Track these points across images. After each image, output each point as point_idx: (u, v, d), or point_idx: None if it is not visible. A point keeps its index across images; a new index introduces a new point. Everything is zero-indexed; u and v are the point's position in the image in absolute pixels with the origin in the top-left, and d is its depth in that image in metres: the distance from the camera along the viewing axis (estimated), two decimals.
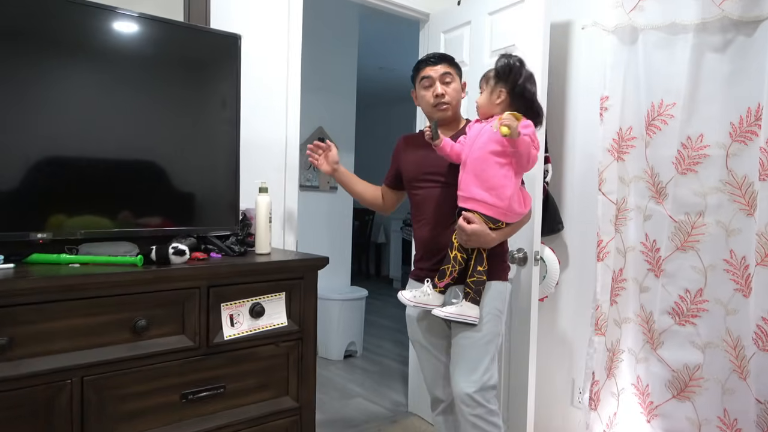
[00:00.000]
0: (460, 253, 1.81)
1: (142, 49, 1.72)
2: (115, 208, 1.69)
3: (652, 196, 2.09)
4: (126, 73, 1.69)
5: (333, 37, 4.18)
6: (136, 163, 1.73)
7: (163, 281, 1.55)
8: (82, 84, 1.62)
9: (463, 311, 1.78)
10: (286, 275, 1.79)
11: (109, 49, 1.66)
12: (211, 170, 1.89)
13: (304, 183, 4.15)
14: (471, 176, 1.77)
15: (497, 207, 1.74)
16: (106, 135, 1.66)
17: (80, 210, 1.63)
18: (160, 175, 1.78)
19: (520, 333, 2.30)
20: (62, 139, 1.59)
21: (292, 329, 1.79)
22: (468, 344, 1.82)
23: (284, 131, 2.43)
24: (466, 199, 1.79)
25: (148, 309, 1.53)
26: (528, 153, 1.68)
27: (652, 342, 2.12)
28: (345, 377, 3.75)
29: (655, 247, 2.09)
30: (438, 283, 1.83)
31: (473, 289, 1.79)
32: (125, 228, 1.71)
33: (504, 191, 1.74)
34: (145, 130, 1.74)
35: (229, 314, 1.67)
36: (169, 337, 1.57)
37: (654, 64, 2.04)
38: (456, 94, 1.94)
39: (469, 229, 1.74)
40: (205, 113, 1.86)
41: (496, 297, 1.86)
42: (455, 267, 1.81)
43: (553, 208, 2.38)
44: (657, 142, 2.05)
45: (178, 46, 1.80)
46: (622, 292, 2.21)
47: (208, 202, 1.88)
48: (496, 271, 1.87)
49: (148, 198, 1.76)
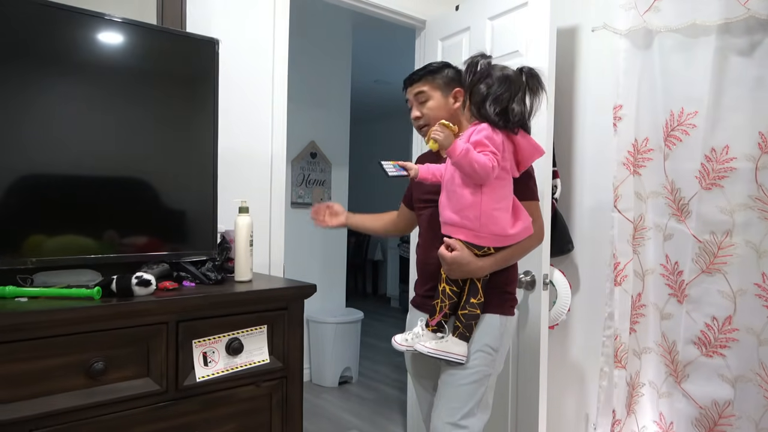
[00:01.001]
0: (448, 285, 1.61)
1: (108, 54, 1.54)
2: (75, 232, 1.50)
3: (673, 214, 1.91)
4: (87, 79, 1.51)
5: (325, 49, 4.02)
6: (99, 180, 1.54)
7: (124, 316, 1.35)
8: (36, 91, 1.43)
9: (447, 347, 1.58)
10: (268, 305, 1.60)
11: (71, 53, 1.47)
12: (186, 187, 1.70)
13: (296, 200, 3.96)
14: (444, 198, 1.60)
15: (468, 229, 1.55)
16: (61, 147, 1.48)
17: (33, 233, 1.44)
18: (127, 193, 1.59)
19: (529, 365, 2.10)
20: (10, 151, 1.40)
21: (274, 367, 1.60)
22: (451, 382, 1.62)
23: (270, 146, 2.25)
24: (444, 224, 1.61)
25: (106, 349, 1.33)
26: (469, 165, 1.47)
27: (676, 375, 1.92)
28: (339, 406, 3.53)
29: (677, 269, 1.90)
30: (430, 321, 1.63)
31: (463, 323, 1.59)
32: (87, 254, 1.51)
33: (471, 211, 1.53)
34: (108, 141, 1.55)
35: (202, 352, 1.47)
36: (131, 381, 1.37)
37: (672, 70, 1.87)
38: (435, 111, 1.74)
39: (449, 257, 1.56)
40: (179, 124, 1.68)
41: (487, 332, 1.63)
42: (445, 302, 1.61)
43: (563, 227, 2.20)
44: (677, 155, 1.87)
45: (150, 51, 1.62)
46: (641, 320, 2.02)
47: (181, 223, 1.69)
48: (494, 303, 1.65)
49: (111, 219, 1.57)
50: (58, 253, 1.47)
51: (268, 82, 2.23)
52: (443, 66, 1.81)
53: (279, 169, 2.28)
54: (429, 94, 1.75)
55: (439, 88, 1.77)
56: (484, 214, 1.53)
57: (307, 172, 4.01)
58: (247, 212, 1.73)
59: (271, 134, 2.26)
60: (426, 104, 1.75)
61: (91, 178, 1.53)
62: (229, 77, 2.08)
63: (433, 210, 1.74)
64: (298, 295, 1.66)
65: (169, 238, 1.66)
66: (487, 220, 1.53)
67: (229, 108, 2.09)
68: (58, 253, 1.47)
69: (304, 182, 4.00)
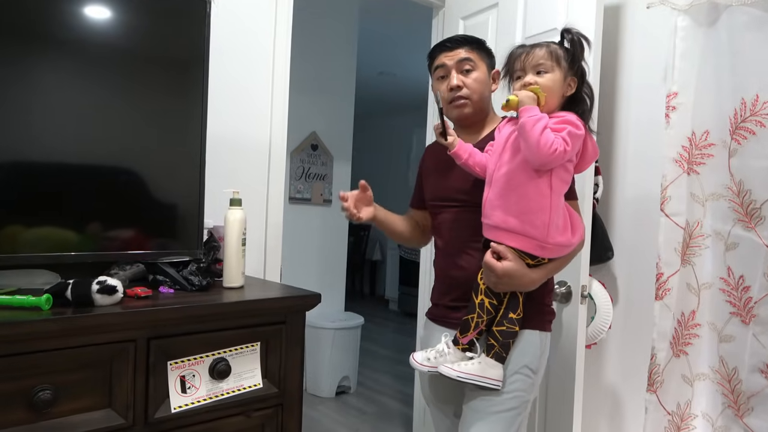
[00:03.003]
0: (488, 298, 1.35)
1: (79, 22, 1.25)
2: (29, 223, 1.22)
3: (739, 220, 1.63)
4: (49, 46, 1.22)
5: (329, 34, 3.73)
6: (57, 165, 1.26)
7: (80, 333, 1.07)
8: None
9: (482, 371, 1.32)
10: (263, 319, 1.33)
11: (36, 23, 1.19)
12: (167, 173, 1.42)
13: (295, 195, 3.68)
14: (495, 197, 1.33)
15: (531, 238, 1.29)
16: (17, 124, 1.19)
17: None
18: (93, 180, 1.31)
19: (561, 389, 1.83)
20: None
21: (269, 393, 1.33)
22: (483, 409, 1.36)
23: (268, 133, 1.97)
24: (490, 227, 1.34)
25: (55, 374, 1.06)
26: (535, 135, 1.22)
27: (737, 407, 1.65)
28: (336, 419, 3.25)
29: (742, 285, 1.63)
30: (460, 338, 1.36)
31: (499, 341, 1.33)
32: (42, 251, 1.23)
33: (539, 216, 1.28)
34: (70, 117, 1.26)
35: (180, 376, 1.20)
36: (88, 414, 1.10)
37: (744, 51, 1.60)
38: (479, 85, 1.49)
39: (500, 268, 1.30)
40: (159, 98, 1.39)
41: (526, 351, 1.39)
42: (482, 317, 1.34)
43: (602, 232, 1.93)
44: (748, 150, 1.60)
45: (127, 17, 1.33)
46: (694, 341, 1.75)
47: (160, 215, 1.41)
48: (533, 318, 1.40)
49: (74, 210, 1.28)
50: (5, 249, 1.19)
51: (268, 62, 1.96)
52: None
53: (278, 160, 2.00)
54: (476, 64, 1.49)
55: (484, 62, 1.52)
56: (553, 221, 1.28)
57: (307, 165, 3.72)
58: (240, 205, 1.45)
59: (270, 120, 1.98)
60: (471, 74, 1.48)
61: (48, 164, 1.25)
62: (223, 54, 1.80)
63: (459, 211, 1.49)
64: (299, 306, 1.38)
65: (144, 233, 1.38)
66: (555, 228, 1.29)
67: (223, 88, 1.81)
68: (5, 249, 1.19)
69: (303, 176, 3.71)
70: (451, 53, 1.50)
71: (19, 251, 1.21)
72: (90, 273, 1.21)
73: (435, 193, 1.58)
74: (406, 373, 4.04)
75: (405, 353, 4.85)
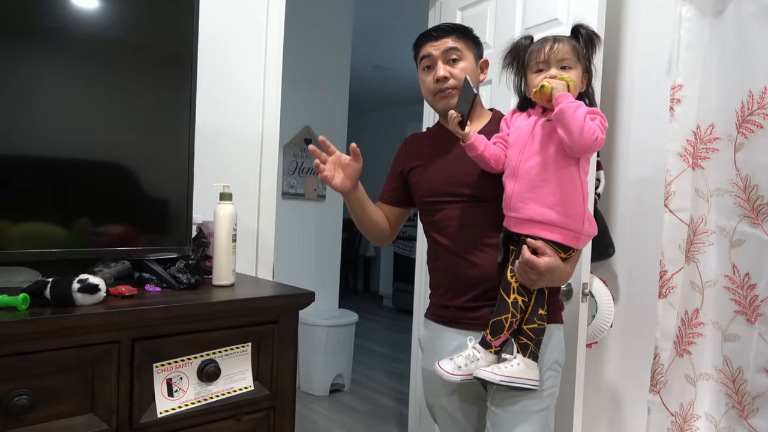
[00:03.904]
0: (521, 296, 1.30)
1: (56, 5, 1.19)
2: (8, 218, 1.15)
3: (745, 216, 1.59)
4: (31, 33, 1.16)
5: (323, 25, 3.66)
6: (36, 159, 1.19)
7: (59, 334, 1.01)
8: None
9: (523, 372, 1.27)
10: (254, 318, 1.28)
11: (18, 11, 1.12)
12: (153, 166, 1.36)
13: (288, 190, 3.61)
14: (526, 190, 1.27)
15: (568, 229, 1.26)
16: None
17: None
18: (76, 172, 1.24)
19: (561, 390, 1.78)
20: None
21: (260, 395, 1.27)
22: (520, 410, 1.31)
23: (260, 124, 1.91)
24: (523, 221, 1.29)
25: (34, 378, 1.00)
26: (579, 122, 1.19)
27: (741, 408, 1.61)
28: (329, 418, 3.20)
29: (747, 282, 1.59)
30: (492, 340, 1.30)
31: (533, 340, 1.29)
32: (23, 247, 1.17)
33: (576, 206, 1.27)
34: (53, 109, 1.20)
35: (166, 379, 1.14)
36: (69, 419, 1.05)
37: (752, 42, 1.54)
38: (469, 74, 1.41)
39: (543, 264, 1.25)
40: (144, 85, 1.33)
41: (555, 347, 1.40)
42: (516, 317, 1.30)
43: (603, 227, 1.88)
44: (756, 144, 1.55)
45: (111, 1, 1.27)
46: (698, 340, 1.70)
47: (146, 210, 1.35)
48: (552, 312, 1.40)
49: (55, 204, 1.22)
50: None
51: (260, 51, 1.89)
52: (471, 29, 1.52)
53: (270, 153, 1.93)
54: (463, 54, 1.44)
55: (472, 51, 1.47)
56: (587, 211, 1.29)
57: (301, 159, 3.66)
58: (231, 200, 1.39)
59: (262, 111, 1.91)
60: (458, 64, 1.43)
61: (29, 157, 1.18)
62: (214, 42, 1.74)
63: (466, 206, 1.42)
64: (292, 305, 1.33)
65: (130, 229, 1.32)
66: (588, 218, 1.29)
67: (213, 78, 1.76)
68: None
69: (297, 171, 3.65)
70: (437, 43, 1.44)
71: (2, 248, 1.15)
72: (73, 270, 1.15)
73: (434, 187, 1.47)
74: (401, 371, 4.00)
75: (399, 350, 4.84)
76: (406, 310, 5.96)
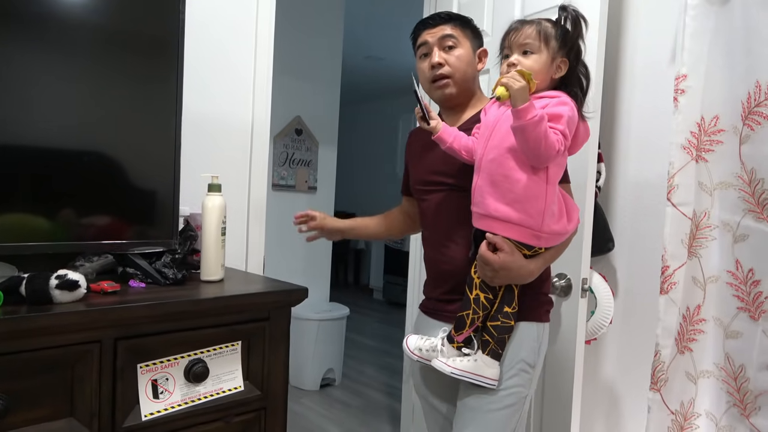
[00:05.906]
0: (483, 293, 1.25)
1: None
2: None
3: (750, 210, 1.55)
4: (10, 18, 1.08)
5: (315, 14, 3.58)
6: (20, 146, 1.12)
7: (35, 334, 0.95)
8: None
9: (478, 369, 1.23)
10: (244, 315, 1.22)
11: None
12: (137, 154, 1.29)
13: (278, 182, 3.54)
14: (486, 184, 1.23)
15: (525, 227, 1.20)
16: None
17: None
18: (56, 160, 1.17)
19: (559, 386, 1.75)
20: None
21: (251, 396, 1.22)
22: (478, 407, 1.28)
23: (250, 113, 1.84)
24: (482, 216, 1.24)
25: (9, 380, 0.94)
26: (536, 138, 1.12)
27: (743, 406, 1.57)
28: (320, 413, 3.15)
29: (751, 278, 1.55)
30: (455, 336, 1.27)
31: (495, 337, 1.25)
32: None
33: (534, 204, 1.19)
34: (33, 96, 1.13)
35: (151, 380, 1.08)
36: (47, 423, 0.99)
37: (759, 31, 1.49)
38: (461, 63, 1.40)
39: (497, 261, 1.20)
40: (129, 69, 1.26)
41: (523, 345, 1.31)
42: (478, 313, 1.25)
43: (603, 221, 1.83)
44: (762, 137, 1.50)
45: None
46: (699, 337, 1.67)
47: (130, 201, 1.28)
48: (530, 308, 1.32)
49: (33, 194, 1.15)
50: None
51: (250, 37, 1.82)
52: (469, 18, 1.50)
53: (261, 143, 1.87)
54: (459, 41, 1.41)
55: (469, 40, 1.45)
56: (549, 208, 1.19)
57: (291, 150, 3.59)
58: (219, 191, 1.33)
59: (252, 99, 1.85)
60: (453, 52, 1.40)
61: (5, 146, 1.11)
62: (203, 27, 1.67)
63: (444, 195, 1.40)
64: (284, 301, 1.27)
65: (113, 221, 1.25)
66: (550, 216, 1.20)
67: (202, 62, 1.69)
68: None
69: (287, 162, 3.58)
70: (434, 30, 1.42)
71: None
72: (53, 265, 1.09)
73: (418, 176, 1.50)
74: (392, 365, 3.96)
75: (391, 344, 4.81)
76: (397, 303, 5.92)
